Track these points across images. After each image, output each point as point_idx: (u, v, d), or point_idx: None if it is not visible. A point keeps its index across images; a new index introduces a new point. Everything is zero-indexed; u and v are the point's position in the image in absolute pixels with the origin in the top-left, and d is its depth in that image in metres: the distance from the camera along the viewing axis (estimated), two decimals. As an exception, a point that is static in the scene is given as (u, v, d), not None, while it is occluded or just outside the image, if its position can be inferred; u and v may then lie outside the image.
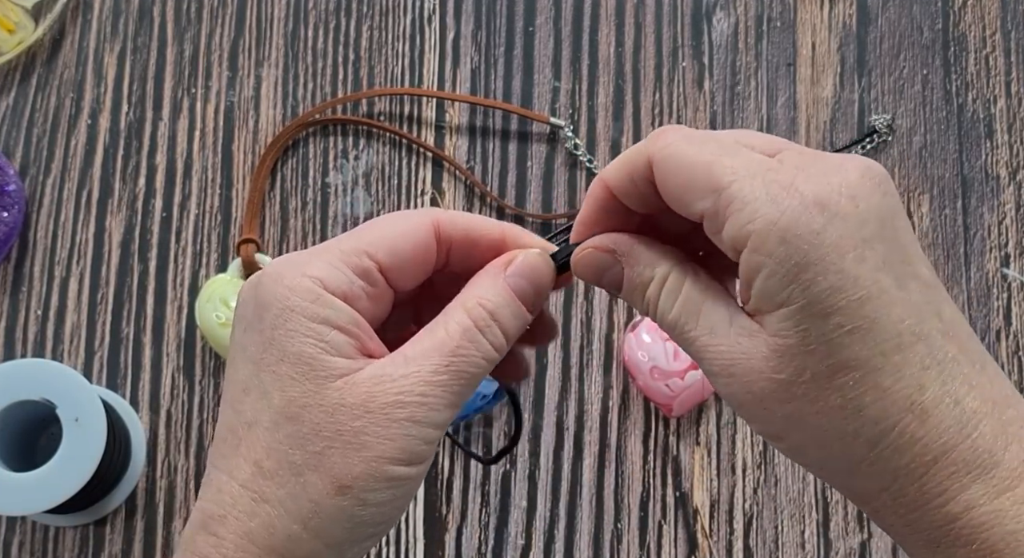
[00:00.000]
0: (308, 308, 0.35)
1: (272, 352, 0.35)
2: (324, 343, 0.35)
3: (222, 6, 0.73)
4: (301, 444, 0.34)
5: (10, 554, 0.65)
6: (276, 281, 0.35)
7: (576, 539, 0.65)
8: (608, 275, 0.37)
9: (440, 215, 0.37)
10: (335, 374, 0.35)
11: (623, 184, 0.37)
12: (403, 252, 0.36)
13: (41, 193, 0.70)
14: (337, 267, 0.36)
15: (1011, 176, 0.71)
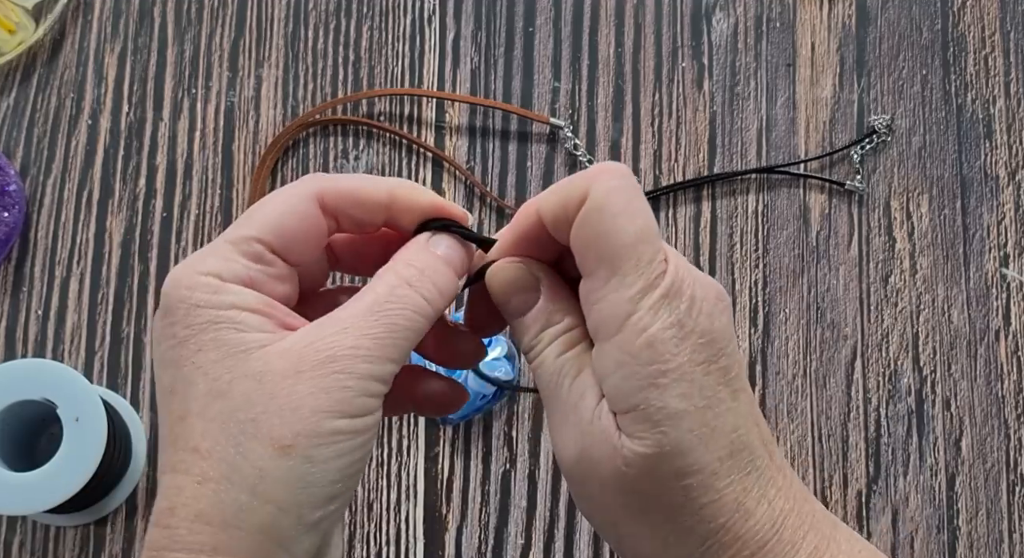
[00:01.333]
0: (211, 299, 0.35)
1: (188, 347, 0.35)
2: (237, 324, 0.35)
3: (222, 7, 0.73)
4: (233, 415, 0.34)
5: (10, 554, 0.65)
6: (175, 286, 0.35)
7: (576, 539, 0.65)
8: (519, 298, 0.37)
9: (323, 183, 0.37)
10: (256, 345, 0.35)
11: (555, 213, 0.36)
12: (289, 229, 0.36)
13: (42, 193, 0.70)
14: (229, 258, 0.36)
15: (1010, 176, 0.71)
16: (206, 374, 0.34)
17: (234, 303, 0.35)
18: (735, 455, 0.35)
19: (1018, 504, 0.66)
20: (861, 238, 0.70)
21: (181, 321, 0.35)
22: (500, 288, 0.38)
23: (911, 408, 0.67)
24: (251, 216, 0.36)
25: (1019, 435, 0.67)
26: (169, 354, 0.35)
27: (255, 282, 0.36)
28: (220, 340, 0.34)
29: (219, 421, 0.34)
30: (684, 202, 0.70)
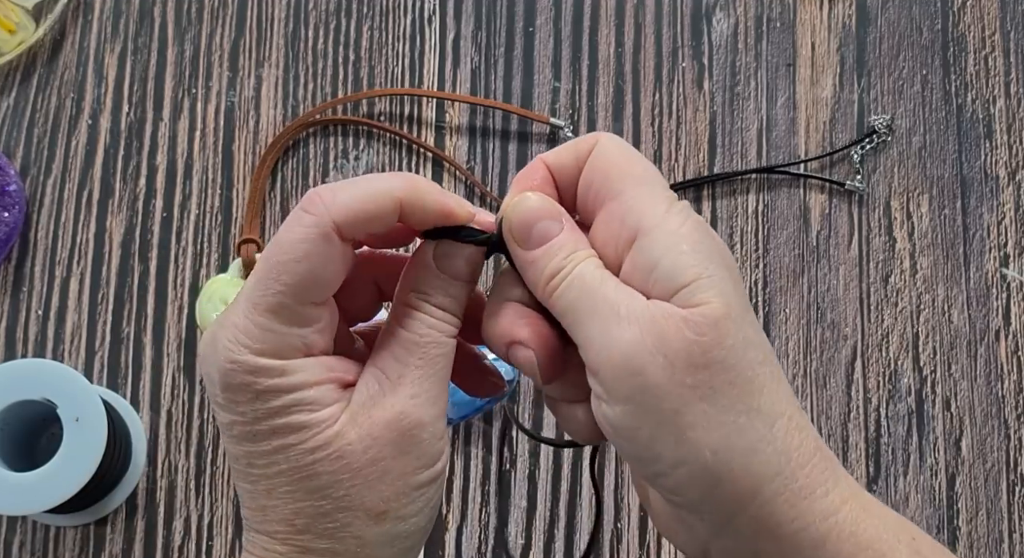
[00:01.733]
0: (279, 384, 0.35)
1: (262, 430, 0.35)
2: (308, 406, 0.35)
3: (223, 7, 0.73)
4: (325, 494, 0.35)
5: (11, 554, 0.65)
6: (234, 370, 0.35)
7: (576, 539, 0.65)
8: (544, 225, 0.37)
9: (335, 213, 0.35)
10: (329, 422, 0.35)
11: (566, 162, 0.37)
12: (322, 279, 0.35)
13: (42, 193, 0.70)
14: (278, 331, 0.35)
15: (1010, 176, 0.71)
16: (287, 458, 0.35)
17: (302, 383, 0.35)
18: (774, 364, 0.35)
19: (1018, 504, 0.66)
20: (861, 238, 0.70)
21: (249, 405, 0.35)
22: (525, 215, 0.37)
23: (911, 408, 0.67)
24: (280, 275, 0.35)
25: (1019, 435, 0.67)
26: (238, 429, 0.36)
27: (310, 345, 0.36)
28: (294, 425, 0.35)
29: (310, 500, 0.35)
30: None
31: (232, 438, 0.36)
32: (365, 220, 0.35)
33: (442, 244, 0.37)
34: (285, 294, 0.35)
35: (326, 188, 0.36)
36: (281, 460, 0.35)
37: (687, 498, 0.35)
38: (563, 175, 0.37)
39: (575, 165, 0.37)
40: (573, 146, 0.37)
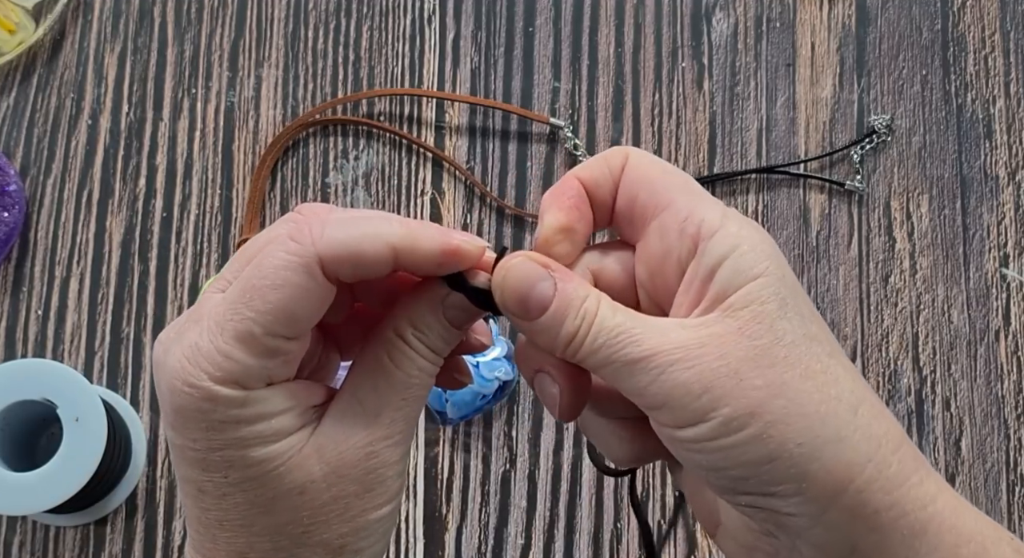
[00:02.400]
0: (237, 414, 0.32)
1: (215, 460, 0.33)
2: (267, 438, 0.33)
3: (222, 7, 0.73)
4: (282, 531, 0.34)
5: (11, 554, 0.65)
6: (191, 395, 0.32)
7: (576, 539, 0.65)
8: (537, 290, 0.34)
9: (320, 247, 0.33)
10: (291, 453, 0.33)
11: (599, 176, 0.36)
12: (298, 314, 0.33)
13: (42, 193, 0.70)
14: (241, 361, 0.32)
15: (1010, 176, 0.71)
16: (244, 491, 0.33)
17: (261, 413, 0.33)
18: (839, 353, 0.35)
19: (1018, 504, 0.66)
20: (861, 238, 0.70)
21: (203, 435, 0.33)
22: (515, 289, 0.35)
23: (911, 408, 0.67)
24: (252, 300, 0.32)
25: (1019, 435, 0.67)
26: (191, 455, 0.33)
27: (275, 375, 0.33)
28: (251, 458, 0.33)
29: (267, 535, 0.34)
30: (684, 202, 0.70)
31: (181, 461, 0.34)
32: (353, 262, 0.33)
33: (455, 296, 0.35)
34: (255, 322, 0.32)
35: (317, 219, 0.33)
36: (236, 493, 0.33)
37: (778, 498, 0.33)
38: (598, 191, 0.36)
39: (610, 180, 0.36)
40: (603, 161, 0.36)
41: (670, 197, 0.35)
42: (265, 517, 0.33)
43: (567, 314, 0.34)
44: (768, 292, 0.33)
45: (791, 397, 0.32)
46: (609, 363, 0.33)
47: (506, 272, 0.35)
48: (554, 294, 0.34)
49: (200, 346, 0.32)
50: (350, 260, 0.33)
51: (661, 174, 0.35)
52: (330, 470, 0.33)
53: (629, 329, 0.33)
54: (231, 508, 0.33)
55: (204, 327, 0.33)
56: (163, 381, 0.33)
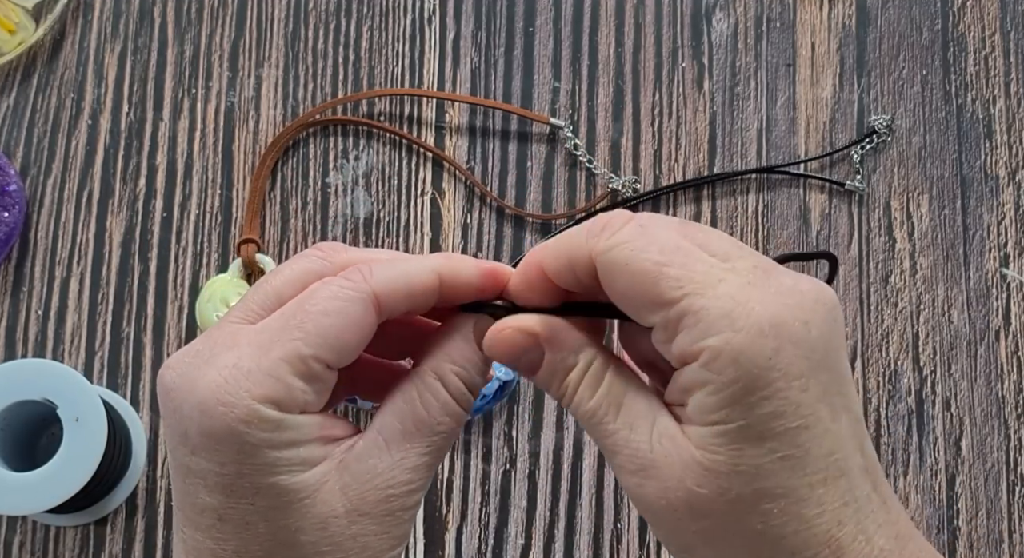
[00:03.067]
0: (271, 439, 0.33)
1: (243, 485, 0.33)
2: (296, 466, 0.33)
3: (222, 7, 0.73)
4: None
5: (11, 554, 0.65)
6: (225, 414, 0.32)
7: (576, 539, 0.65)
8: (526, 358, 0.35)
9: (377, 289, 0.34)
10: (316, 486, 0.33)
11: (562, 273, 0.35)
12: (349, 344, 0.34)
13: (42, 193, 0.70)
14: (286, 382, 0.33)
15: (1010, 176, 0.71)
16: (267, 520, 0.33)
17: (292, 440, 0.33)
18: (828, 483, 0.32)
19: (1018, 504, 0.66)
20: (861, 238, 0.70)
21: (233, 457, 0.33)
22: (501, 355, 0.36)
23: (911, 408, 0.67)
24: (303, 323, 0.33)
25: (1019, 435, 0.67)
26: (214, 480, 0.33)
27: (309, 403, 0.34)
28: (280, 487, 0.33)
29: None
30: (684, 202, 0.70)
31: (202, 487, 0.33)
32: (407, 292, 0.34)
33: (484, 320, 0.36)
34: (305, 344, 0.33)
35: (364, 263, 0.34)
36: (259, 522, 0.33)
37: None
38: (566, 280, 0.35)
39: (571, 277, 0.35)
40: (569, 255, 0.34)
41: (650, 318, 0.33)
42: (285, 550, 0.33)
43: (552, 382, 0.35)
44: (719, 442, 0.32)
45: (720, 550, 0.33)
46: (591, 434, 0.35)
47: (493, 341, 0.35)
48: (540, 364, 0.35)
49: (241, 366, 0.32)
50: (405, 290, 0.34)
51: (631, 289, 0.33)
52: (352, 508, 0.34)
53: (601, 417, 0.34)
54: (252, 539, 0.33)
55: (244, 351, 0.33)
56: (189, 404, 0.33)
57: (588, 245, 0.34)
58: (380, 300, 0.34)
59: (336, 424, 0.35)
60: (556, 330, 0.35)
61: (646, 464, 0.33)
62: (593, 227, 0.34)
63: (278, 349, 0.33)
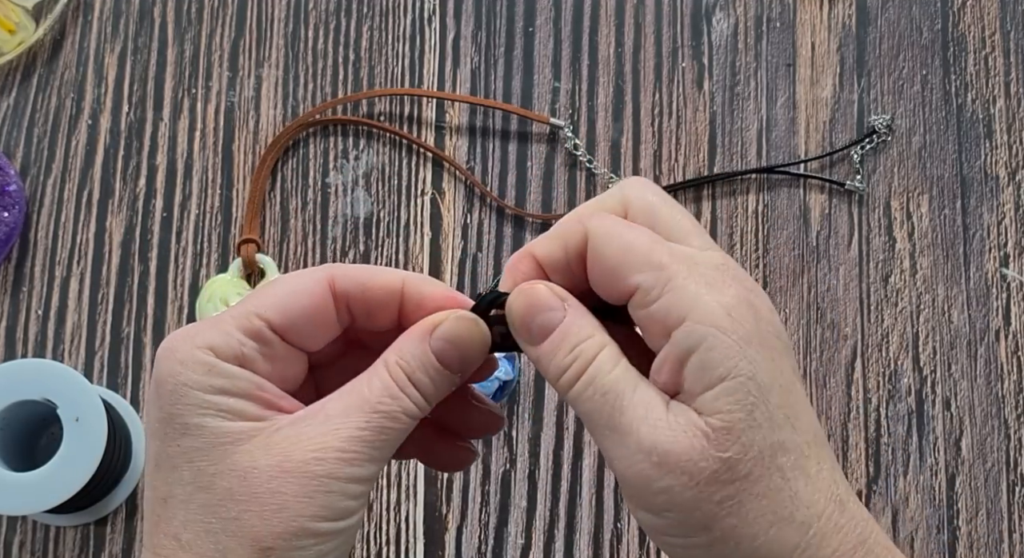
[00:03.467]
0: (201, 381, 0.34)
1: (173, 427, 0.34)
2: (223, 412, 0.34)
3: (222, 7, 0.73)
4: (216, 511, 0.34)
5: (11, 554, 0.65)
6: (169, 356, 0.35)
7: (576, 539, 0.65)
8: (544, 317, 0.35)
9: (334, 270, 0.36)
10: (242, 437, 0.34)
11: (555, 256, 0.36)
12: (295, 309, 0.35)
13: (42, 193, 0.70)
14: (227, 332, 0.35)
15: (1010, 176, 0.71)
16: (190, 461, 0.34)
17: (223, 388, 0.34)
18: (818, 444, 0.34)
19: (1018, 504, 0.66)
20: (861, 238, 0.70)
21: (168, 398, 0.34)
22: (522, 309, 0.36)
23: (911, 408, 0.67)
24: (260, 293, 0.36)
25: (1019, 435, 0.67)
26: (155, 426, 0.35)
27: (248, 359, 0.35)
28: (205, 427, 0.34)
29: (201, 514, 0.34)
30: (684, 202, 0.70)
31: (149, 437, 0.35)
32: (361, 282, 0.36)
33: (442, 327, 0.36)
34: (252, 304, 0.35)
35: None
36: (183, 465, 0.34)
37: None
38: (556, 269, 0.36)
39: (564, 262, 0.36)
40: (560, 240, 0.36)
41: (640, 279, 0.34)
42: (203, 493, 0.34)
43: (562, 346, 0.35)
44: (733, 399, 0.32)
45: (743, 516, 0.33)
46: (590, 417, 0.34)
47: (521, 292, 0.36)
48: (559, 324, 0.35)
49: (195, 326, 0.35)
50: (360, 281, 0.36)
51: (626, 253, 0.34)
52: (274, 463, 0.34)
53: (619, 395, 0.34)
54: (176, 482, 0.34)
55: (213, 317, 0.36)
56: (157, 359, 0.35)
57: (582, 221, 0.35)
58: (336, 280, 0.36)
59: (285, 397, 0.36)
60: (580, 306, 0.36)
61: (667, 438, 0.33)
62: (584, 209, 0.36)
63: (228, 312, 0.36)
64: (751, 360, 0.33)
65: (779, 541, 0.33)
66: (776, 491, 0.33)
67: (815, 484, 0.33)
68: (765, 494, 0.33)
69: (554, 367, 0.35)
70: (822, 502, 0.33)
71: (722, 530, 0.33)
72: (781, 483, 0.33)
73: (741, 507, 0.33)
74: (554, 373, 0.35)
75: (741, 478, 0.32)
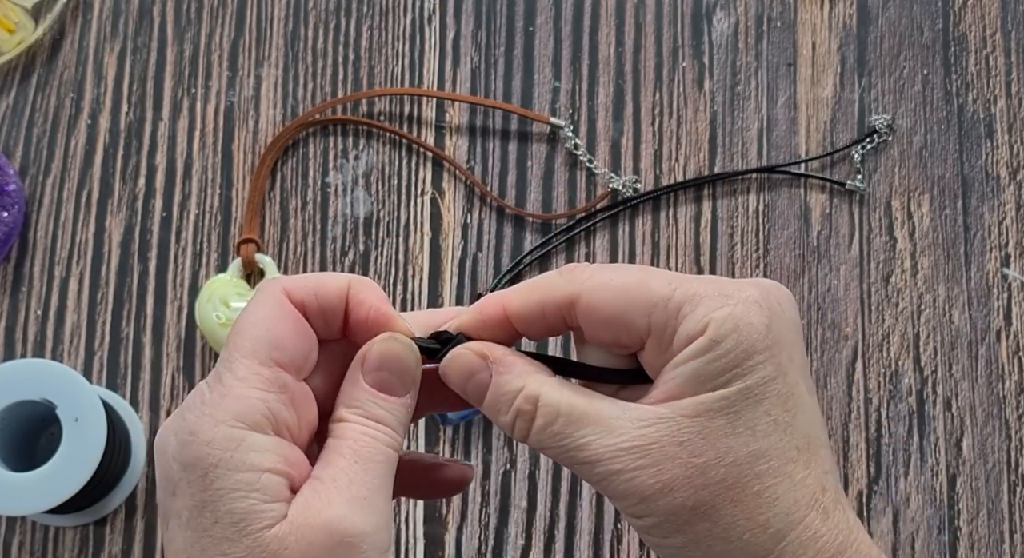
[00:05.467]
0: (232, 460, 0.33)
1: (206, 516, 0.33)
2: (256, 492, 0.33)
3: (222, 6, 0.73)
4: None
5: (10, 554, 0.65)
6: (194, 438, 0.33)
7: (576, 539, 0.65)
8: (474, 380, 0.36)
9: (282, 282, 0.36)
10: (270, 523, 0.33)
11: (530, 315, 0.36)
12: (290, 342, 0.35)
13: (41, 193, 0.70)
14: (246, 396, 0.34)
15: (1011, 176, 0.70)
16: (224, 554, 0.33)
17: (254, 464, 0.33)
18: (811, 450, 0.34)
19: (1019, 504, 0.66)
20: (862, 238, 0.70)
21: (199, 483, 0.33)
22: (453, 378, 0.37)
23: (912, 408, 0.67)
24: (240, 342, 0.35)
25: (1020, 435, 0.67)
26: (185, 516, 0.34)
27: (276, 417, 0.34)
28: (236, 514, 0.33)
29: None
30: (684, 202, 0.70)
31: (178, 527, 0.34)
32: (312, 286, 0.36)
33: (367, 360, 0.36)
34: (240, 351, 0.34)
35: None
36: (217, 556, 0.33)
37: None
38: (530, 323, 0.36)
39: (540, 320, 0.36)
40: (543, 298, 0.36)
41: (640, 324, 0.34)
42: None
43: (499, 408, 0.35)
44: (720, 406, 0.33)
45: (716, 521, 0.33)
46: (556, 459, 0.35)
47: (448, 362, 0.36)
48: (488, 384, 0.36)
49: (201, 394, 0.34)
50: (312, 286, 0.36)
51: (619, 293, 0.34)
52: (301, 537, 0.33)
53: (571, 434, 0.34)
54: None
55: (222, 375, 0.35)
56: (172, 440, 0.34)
57: (565, 281, 0.35)
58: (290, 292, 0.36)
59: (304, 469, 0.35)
60: (506, 354, 0.36)
61: (635, 456, 0.33)
62: (565, 269, 0.36)
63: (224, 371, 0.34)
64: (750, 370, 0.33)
65: (752, 548, 0.33)
66: (752, 498, 0.33)
67: (798, 491, 0.33)
68: (740, 500, 0.33)
69: (502, 425, 0.36)
70: (803, 510, 0.33)
71: (695, 533, 0.33)
72: (758, 490, 0.33)
73: (715, 512, 0.33)
74: (506, 429, 0.36)
75: (715, 483, 0.33)
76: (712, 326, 0.33)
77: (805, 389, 0.35)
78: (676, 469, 0.33)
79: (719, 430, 0.33)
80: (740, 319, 0.33)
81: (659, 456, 0.33)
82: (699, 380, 0.33)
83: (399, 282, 0.69)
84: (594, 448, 0.34)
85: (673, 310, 0.34)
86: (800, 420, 0.34)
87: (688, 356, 0.34)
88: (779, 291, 0.36)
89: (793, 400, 0.34)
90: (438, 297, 0.69)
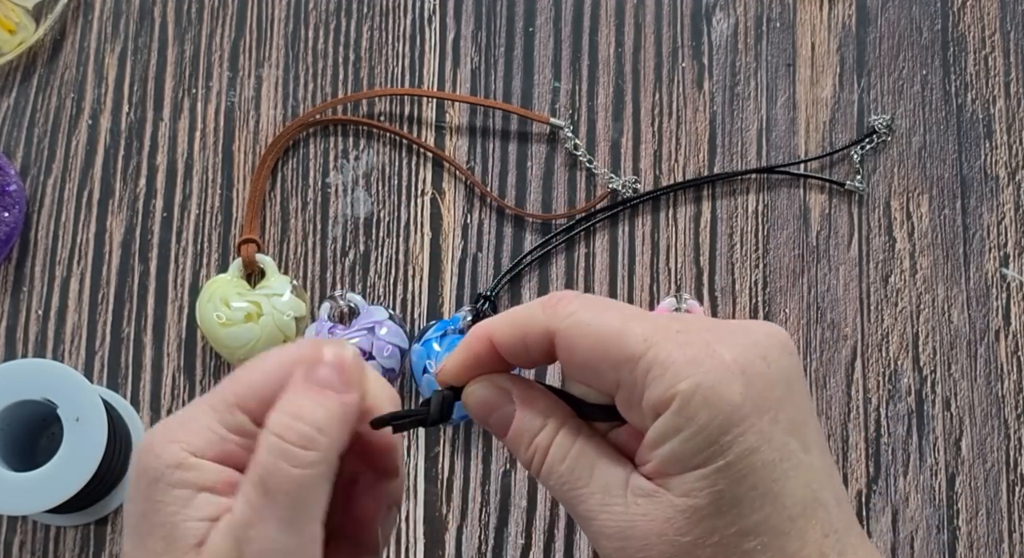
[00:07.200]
0: (171, 475, 0.33)
1: (144, 525, 0.34)
2: (187, 509, 0.33)
3: (223, 7, 0.73)
4: None
5: (11, 554, 0.65)
6: (148, 451, 0.34)
7: (576, 539, 0.65)
8: (498, 415, 0.36)
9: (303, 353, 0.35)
10: (196, 542, 0.33)
11: (514, 347, 0.36)
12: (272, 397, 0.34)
13: (42, 193, 0.70)
14: (207, 426, 0.34)
15: (1010, 176, 0.71)
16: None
17: (191, 481, 0.34)
18: (807, 514, 0.32)
19: (1018, 504, 0.66)
20: (861, 238, 0.70)
21: (144, 493, 0.34)
22: (476, 410, 0.36)
23: (911, 408, 0.67)
24: (236, 380, 0.35)
25: (1019, 435, 0.67)
26: (131, 522, 0.34)
27: (228, 454, 0.34)
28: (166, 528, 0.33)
29: None
30: (684, 202, 0.70)
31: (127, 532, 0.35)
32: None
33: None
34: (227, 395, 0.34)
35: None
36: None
37: None
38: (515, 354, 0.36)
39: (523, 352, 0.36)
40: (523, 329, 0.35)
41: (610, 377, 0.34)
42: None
43: (520, 444, 0.35)
44: (701, 485, 0.32)
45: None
46: (559, 500, 0.35)
47: (471, 394, 0.36)
48: (512, 418, 0.36)
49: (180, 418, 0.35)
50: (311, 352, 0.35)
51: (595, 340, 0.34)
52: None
53: (574, 485, 0.34)
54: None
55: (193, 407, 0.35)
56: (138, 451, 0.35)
57: (545, 316, 0.35)
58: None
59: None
60: (529, 391, 0.36)
61: (624, 526, 0.33)
62: (548, 301, 0.35)
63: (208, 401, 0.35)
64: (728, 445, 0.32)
65: None
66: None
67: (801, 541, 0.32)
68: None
69: (521, 458, 0.36)
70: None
71: None
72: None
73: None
74: (524, 463, 0.36)
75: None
76: (678, 400, 0.32)
77: (798, 447, 0.33)
78: (663, 546, 0.32)
79: (704, 510, 0.32)
80: (710, 391, 0.32)
81: (647, 531, 0.33)
82: (678, 460, 0.32)
83: (399, 282, 0.69)
84: (591, 505, 0.34)
85: (641, 373, 0.33)
86: (793, 486, 0.32)
87: (663, 436, 0.33)
88: (768, 341, 0.34)
89: (783, 466, 0.32)
90: (438, 297, 0.69)
